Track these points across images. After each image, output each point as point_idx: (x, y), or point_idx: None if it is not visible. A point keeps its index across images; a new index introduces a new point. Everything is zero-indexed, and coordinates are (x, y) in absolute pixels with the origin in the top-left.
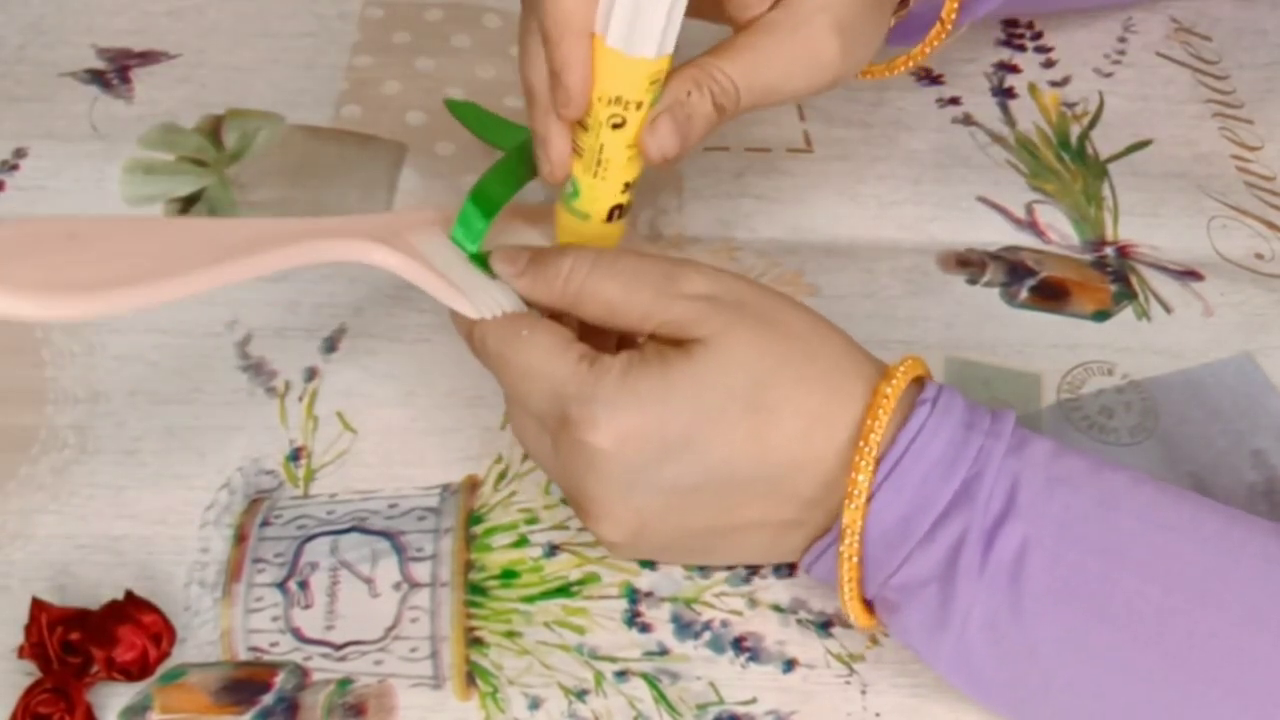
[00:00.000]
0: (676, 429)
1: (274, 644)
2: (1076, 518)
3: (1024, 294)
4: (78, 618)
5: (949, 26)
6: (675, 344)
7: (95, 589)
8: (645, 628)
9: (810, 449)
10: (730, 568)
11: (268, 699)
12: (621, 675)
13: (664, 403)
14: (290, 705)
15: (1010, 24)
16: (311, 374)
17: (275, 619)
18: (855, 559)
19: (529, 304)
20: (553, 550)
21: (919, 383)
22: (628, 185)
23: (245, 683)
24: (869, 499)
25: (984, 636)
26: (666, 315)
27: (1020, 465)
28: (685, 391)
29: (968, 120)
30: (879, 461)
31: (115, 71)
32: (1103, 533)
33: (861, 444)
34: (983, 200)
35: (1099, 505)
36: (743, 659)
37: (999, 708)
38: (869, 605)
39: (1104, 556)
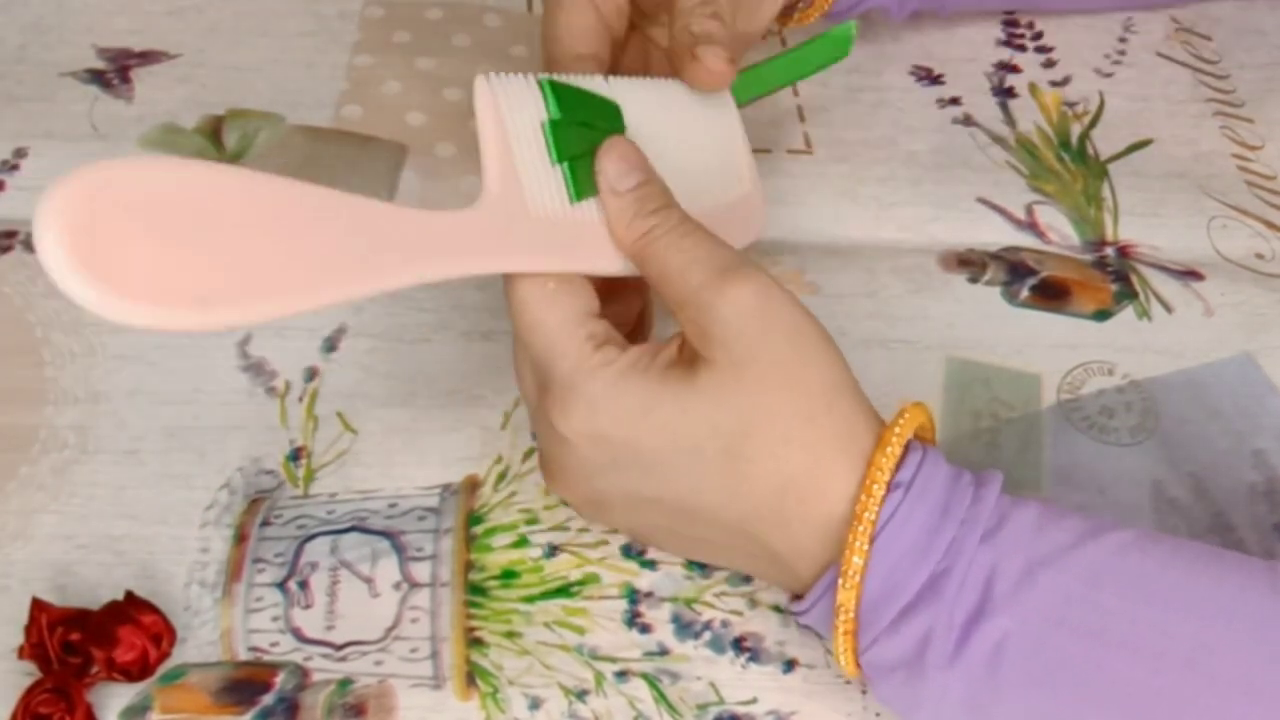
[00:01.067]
0: (648, 447)
1: (274, 644)
2: (1058, 601)
3: (1025, 293)
4: (78, 618)
5: None
6: (684, 363)
7: (95, 589)
8: (645, 628)
9: (780, 511)
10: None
11: (268, 699)
12: (622, 675)
13: (643, 419)
14: (290, 705)
15: (1011, 24)
16: (312, 374)
17: (275, 619)
18: (850, 632)
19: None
20: (553, 550)
21: (920, 429)
22: None
23: (245, 683)
24: (861, 578)
25: (964, 715)
26: (698, 316)
27: (996, 556)
28: (669, 416)
29: (968, 121)
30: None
31: (115, 71)
32: (1085, 613)
33: (856, 524)
34: (983, 201)
35: (1082, 584)
36: (743, 659)
37: None
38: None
39: (1087, 640)
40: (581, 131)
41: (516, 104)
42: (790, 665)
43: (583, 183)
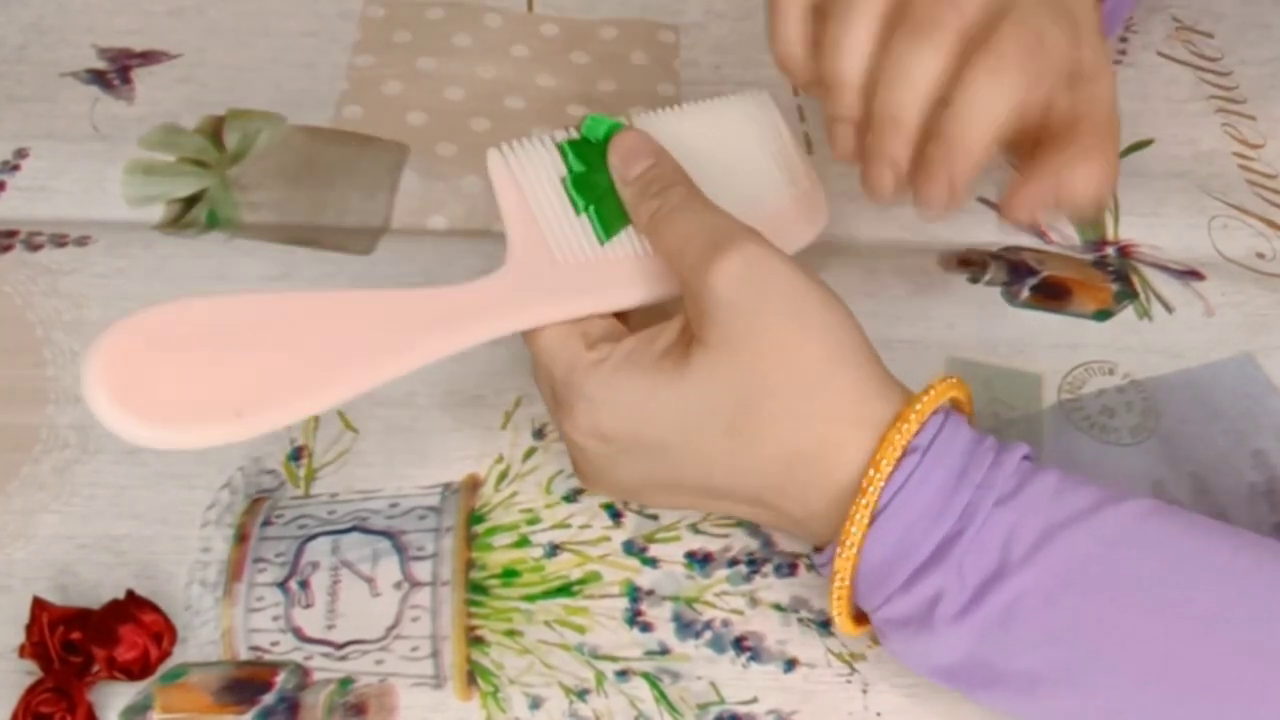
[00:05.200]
0: (653, 435)
1: (275, 643)
2: (1075, 560)
3: (1025, 293)
4: (79, 617)
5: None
6: (679, 346)
7: (96, 589)
8: (646, 627)
9: (791, 482)
10: (733, 564)
11: (269, 698)
12: (622, 675)
13: (640, 411)
14: (291, 705)
15: None
16: None
17: (276, 618)
18: (844, 597)
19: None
20: (554, 550)
21: (954, 402)
22: None
23: (246, 682)
24: (859, 550)
25: (977, 671)
26: (695, 294)
27: (1015, 517)
28: (668, 401)
29: None
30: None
31: (116, 71)
32: (1104, 573)
33: (859, 498)
34: (983, 201)
35: (1099, 545)
36: (744, 658)
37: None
38: (863, 618)
39: (1103, 597)
40: (604, 175)
41: (532, 168)
42: (791, 665)
43: (610, 220)
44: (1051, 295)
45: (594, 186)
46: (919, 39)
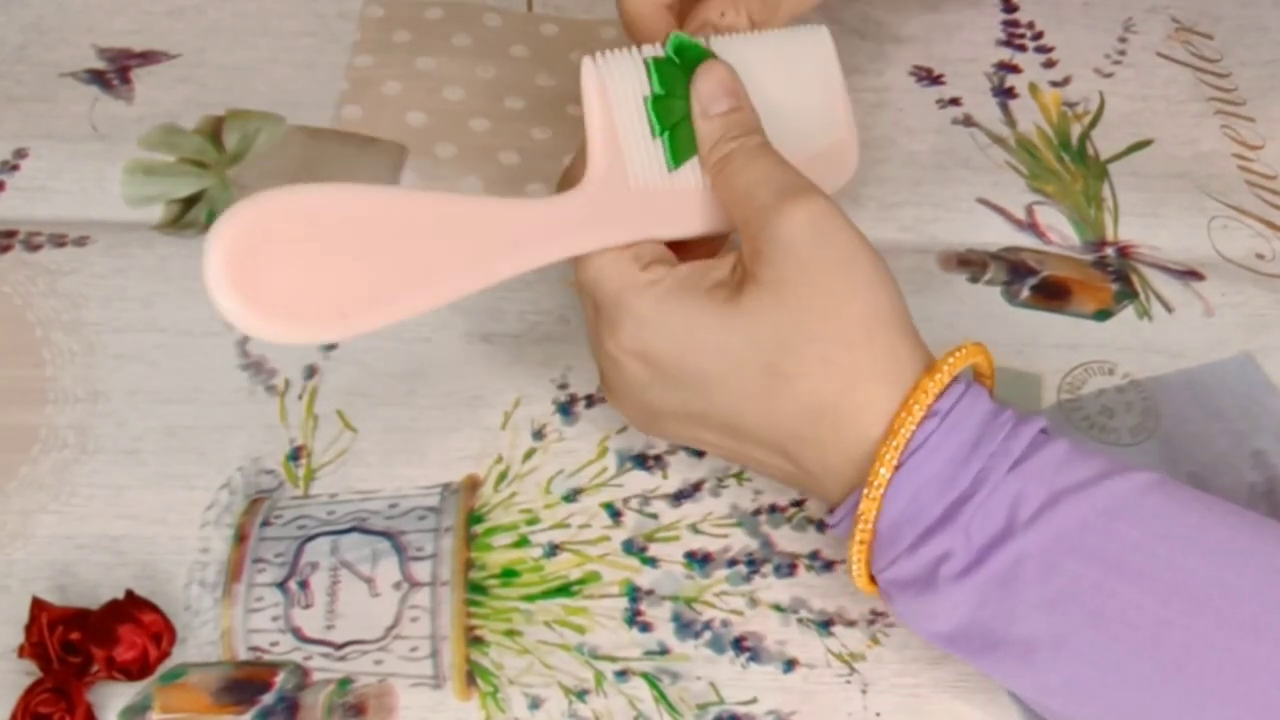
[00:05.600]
0: (693, 366)
1: (274, 643)
2: (1076, 527)
3: (1025, 292)
4: (78, 617)
5: None
6: (731, 283)
7: (95, 589)
8: (646, 627)
9: (815, 433)
10: (732, 564)
11: (268, 698)
12: (622, 675)
13: (688, 337)
14: (290, 705)
15: (1011, 24)
16: (311, 372)
17: (275, 619)
18: (865, 543)
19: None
20: (553, 550)
21: (976, 369)
22: None
23: (245, 682)
24: (884, 492)
25: (976, 638)
26: (754, 234)
27: (1022, 483)
28: (713, 334)
29: (968, 121)
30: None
31: (115, 72)
32: (1102, 542)
33: (890, 439)
34: (983, 202)
35: (1101, 514)
36: (743, 659)
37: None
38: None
39: (1102, 566)
40: (680, 102)
41: (622, 83)
42: (790, 665)
43: (680, 149)
44: (1051, 295)
45: (672, 111)
46: None
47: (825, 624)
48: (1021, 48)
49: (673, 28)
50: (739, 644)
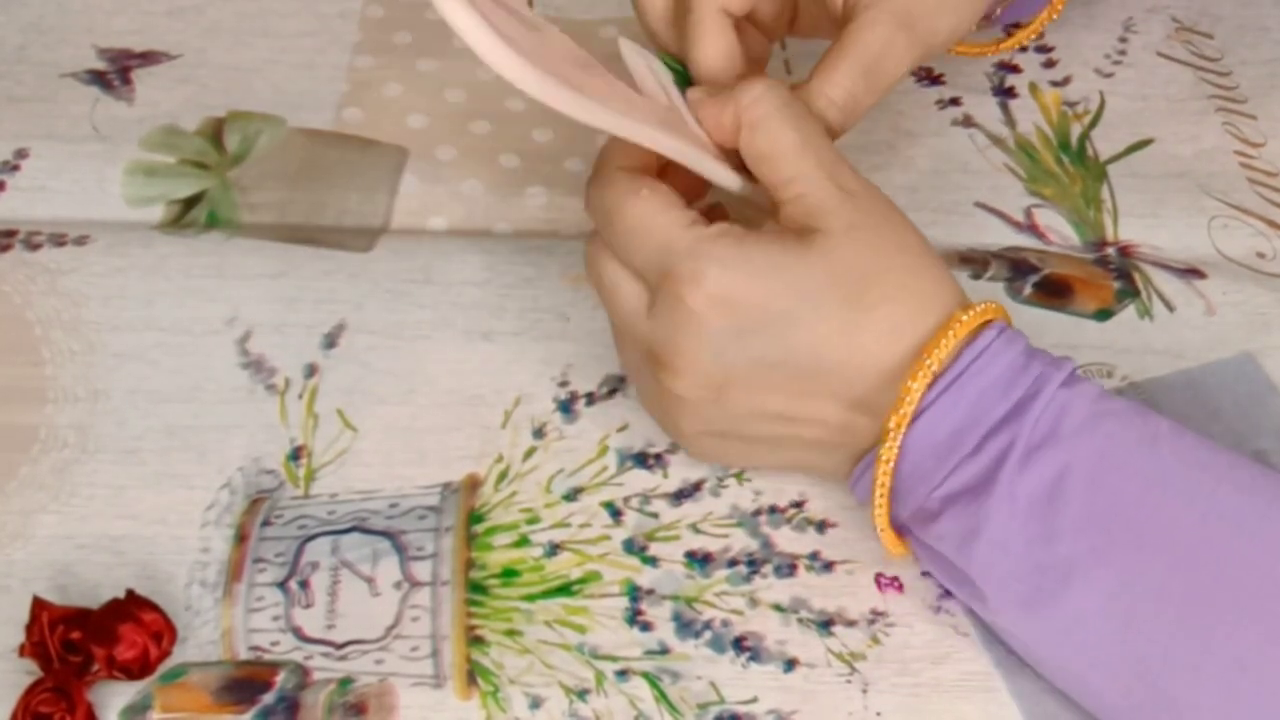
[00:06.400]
0: (777, 304)
1: (275, 643)
2: (1118, 447)
3: (1028, 289)
4: (78, 616)
5: (1058, 9)
6: (794, 231)
7: (96, 589)
8: (646, 626)
9: (889, 354)
10: (733, 564)
11: (268, 698)
12: (622, 674)
13: (772, 276)
14: (291, 704)
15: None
16: (311, 370)
17: (276, 618)
18: (892, 463)
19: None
20: (554, 549)
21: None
22: None
23: (246, 682)
24: (916, 413)
25: (1016, 555)
26: (810, 190)
27: (1070, 396)
28: (794, 271)
29: (968, 122)
30: (939, 378)
31: (116, 72)
32: (1144, 463)
33: (925, 357)
34: (981, 205)
35: (1141, 441)
36: (744, 658)
37: (1021, 633)
38: (899, 533)
39: (1143, 484)
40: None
41: (650, 62)
42: (791, 665)
43: None
44: (1054, 293)
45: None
46: None
47: (825, 624)
48: (1022, 48)
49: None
50: (739, 644)
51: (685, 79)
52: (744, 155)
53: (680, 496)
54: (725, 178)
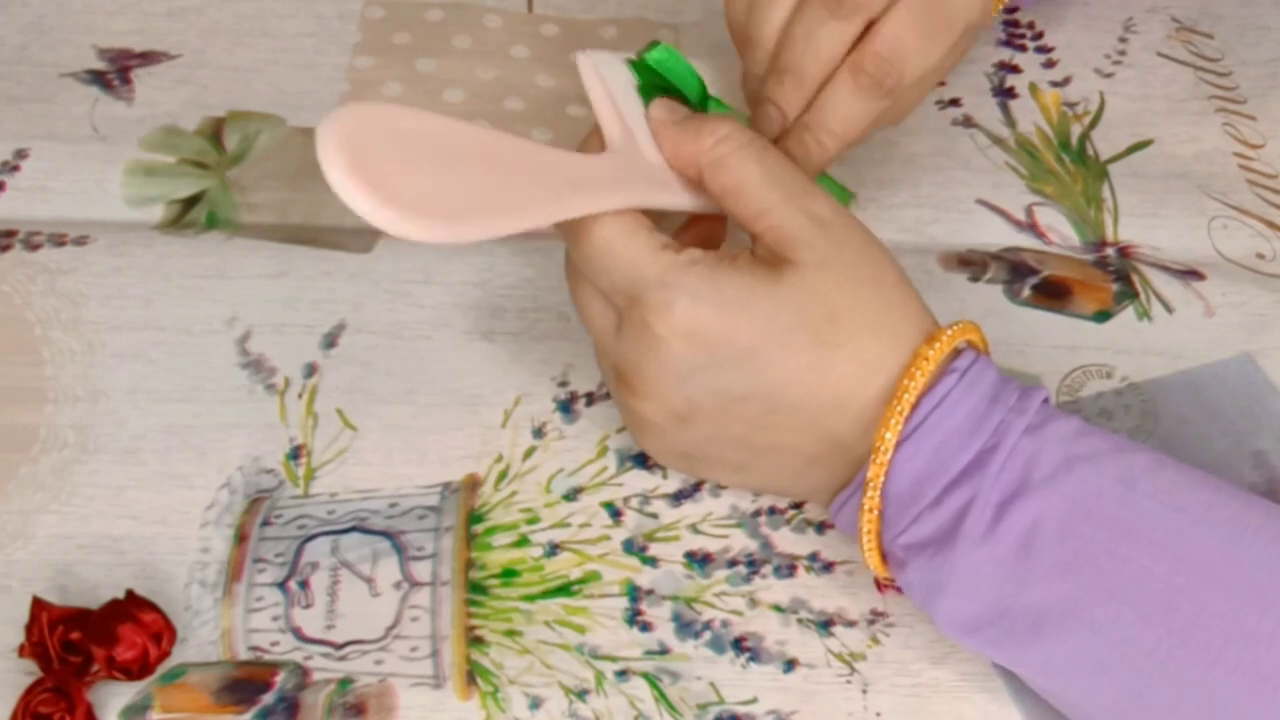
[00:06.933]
0: (745, 339)
1: (274, 643)
2: (1091, 493)
3: (1026, 291)
4: (78, 617)
5: None
6: (766, 263)
7: (96, 589)
8: (646, 626)
9: (859, 393)
10: (732, 564)
11: (268, 698)
12: (622, 675)
13: (741, 311)
14: (291, 704)
15: (1011, 24)
16: (311, 370)
17: (276, 618)
18: (875, 511)
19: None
20: (553, 549)
21: (967, 344)
22: None
23: (246, 682)
24: (891, 457)
25: (986, 606)
26: (782, 222)
27: (1038, 445)
28: (764, 306)
29: (968, 122)
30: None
31: (116, 72)
32: (1116, 509)
33: (894, 403)
34: (982, 203)
35: (1116, 482)
36: (743, 659)
37: (1000, 662)
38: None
39: (1115, 532)
40: (662, 90)
41: (613, 72)
42: (790, 665)
43: None
44: (1052, 294)
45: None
46: (828, 7)
47: (825, 624)
48: (1022, 48)
49: None
50: (739, 644)
51: (651, 84)
52: (710, 193)
53: (680, 497)
54: (680, 200)
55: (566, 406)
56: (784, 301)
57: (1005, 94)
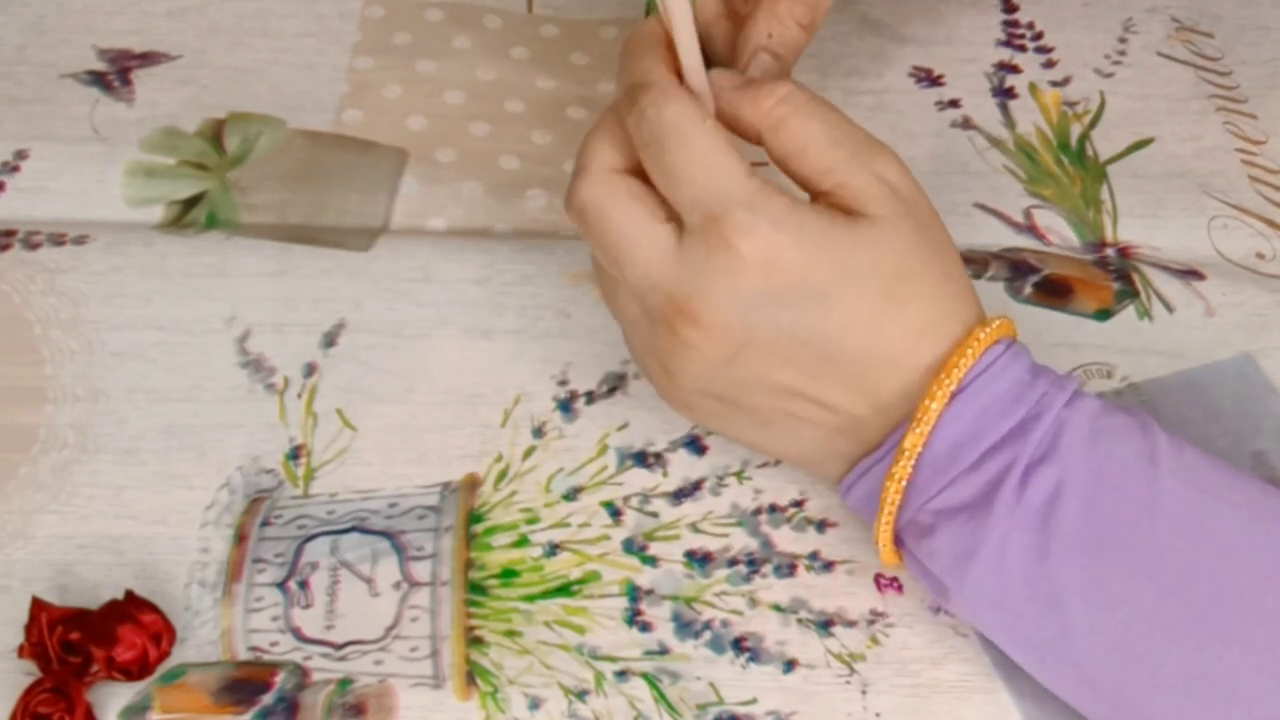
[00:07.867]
0: (818, 278)
1: (274, 643)
2: (1116, 467)
3: (1028, 289)
4: (78, 617)
5: None
6: (843, 210)
7: (95, 589)
8: (646, 626)
9: (909, 355)
10: (732, 563)
11: (268, 699)
12: (622, 675)
13: (819, 247)
14: (290, 705)
15: (1011, 24)
16: (310, 369)
17: (275, 619)
18: (903, 481)
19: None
20: (553, 549)
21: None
22: None
23: (245, 682)
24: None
25: (1010, 575)
26: (850, 180)
27: (1069, 414)
28: (840, 249)
29: (967, 124)
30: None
31: (116, 73)
32: (1139, 485)
33: (943, 375)
34: (980, 206)
35: (1139, 459)
36: (743, 659)
37: (1015, 648)
38: (898, 542)
39: (1137, 507)
40: None
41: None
42: (790, 665)
43: None
44: (1054, 293)
45: None
46: None
47: (825, 624)
48: (1021, 48)
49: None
50: (739, 644)
51: None
52: (773, 156)
53: (680, 496)
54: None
55: (566, 405)
56: (859, 246)
57: (1005, 94)
